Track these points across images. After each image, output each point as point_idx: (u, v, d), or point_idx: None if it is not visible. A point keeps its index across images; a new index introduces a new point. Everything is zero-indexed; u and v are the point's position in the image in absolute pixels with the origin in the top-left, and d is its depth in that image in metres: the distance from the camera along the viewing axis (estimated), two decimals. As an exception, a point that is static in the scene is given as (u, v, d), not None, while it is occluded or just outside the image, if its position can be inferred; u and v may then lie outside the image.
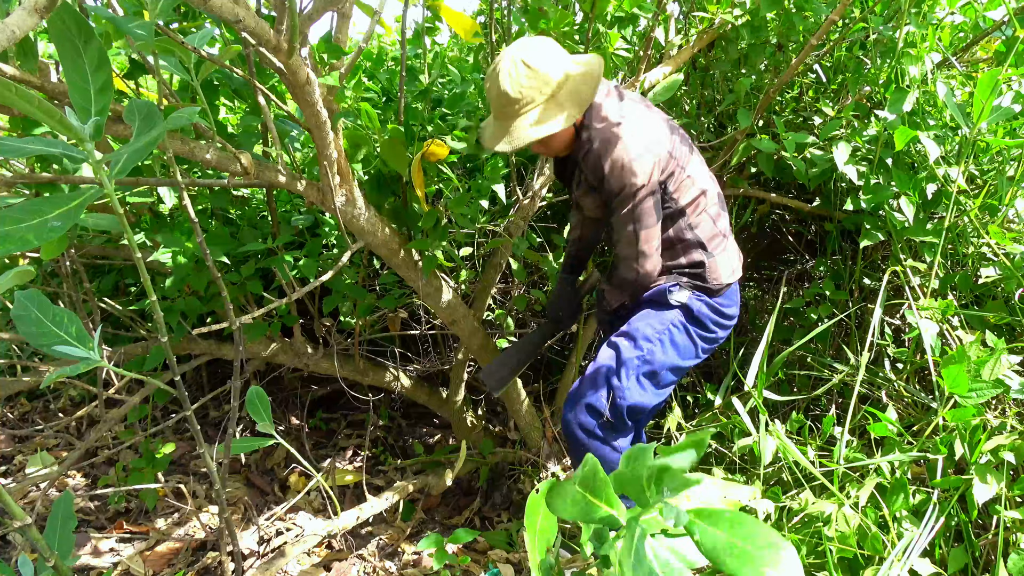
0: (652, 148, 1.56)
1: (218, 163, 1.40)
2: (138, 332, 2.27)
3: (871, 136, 2.12)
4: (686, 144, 1.69)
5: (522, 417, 2.53)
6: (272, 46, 1.07)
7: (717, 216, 1.73)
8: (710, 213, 1.71)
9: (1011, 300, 1.97)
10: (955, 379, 1.52)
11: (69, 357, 0.90)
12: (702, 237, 1.70)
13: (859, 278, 2.36)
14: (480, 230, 2.14)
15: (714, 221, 1.72)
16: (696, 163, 1.70)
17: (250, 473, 2.72)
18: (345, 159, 1.60)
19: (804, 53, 2.04)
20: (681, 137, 1.69)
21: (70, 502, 1.00)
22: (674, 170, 1.62)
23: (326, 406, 3.26)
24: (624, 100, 1.64)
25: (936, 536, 1.56)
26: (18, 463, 2.64)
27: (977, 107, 1.74)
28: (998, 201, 1.96)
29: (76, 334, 0.92)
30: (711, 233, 1.71)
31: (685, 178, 1.65)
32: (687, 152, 1.67)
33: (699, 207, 1.69)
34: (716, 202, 1.74)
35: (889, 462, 1.72)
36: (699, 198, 1.68)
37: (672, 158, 1.61)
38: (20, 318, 0.91)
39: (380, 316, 2.47)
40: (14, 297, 0.92)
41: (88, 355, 0.92)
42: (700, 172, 1.70)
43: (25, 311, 0.91)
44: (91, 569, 2.08)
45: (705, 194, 1.69)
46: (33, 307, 0.91)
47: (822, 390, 2.06)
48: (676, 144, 1.64)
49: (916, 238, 1.99)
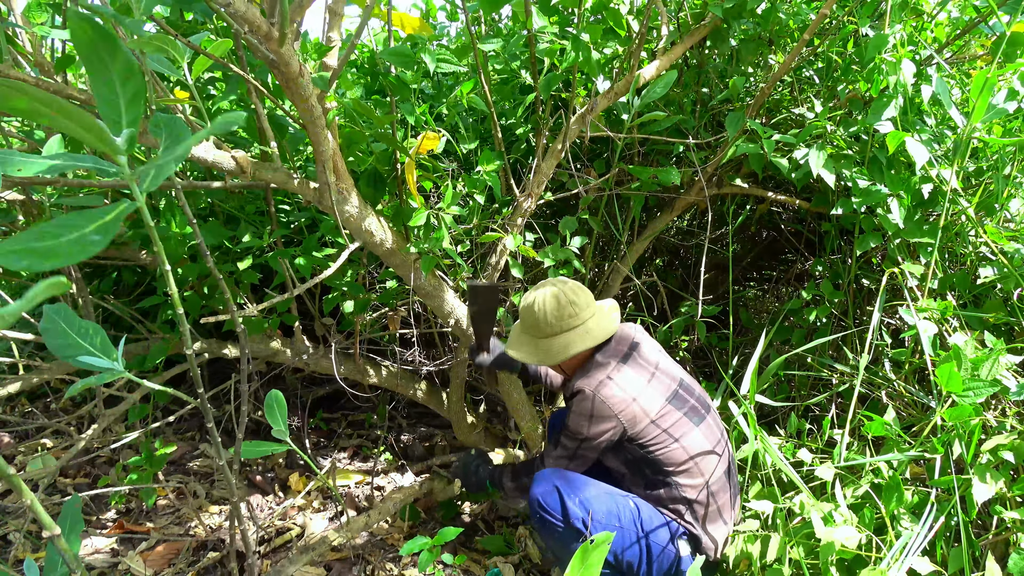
0: (627, 411, 1.69)
1: (214, 162, 1.41)
2: (140, 332, 2.28)
3: (863, 138, 2.11)
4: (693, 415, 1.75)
5: (523, 417, 2.53)
6: (263, 32, 1.06)
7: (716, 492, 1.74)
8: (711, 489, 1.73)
9: (1010, 300, 1.96)
10: (948, 377, 1.51)
11: (94, 368, 0.92)
12: (700, 513, 1.73)
13: (853, 278, 2.35)
14: (477, 227, 2.14)
15: (713, 497, 1.73)
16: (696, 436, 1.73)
17: (251, 473, 2.73)
18: (341, 157, 1.60)
19: (796, 50, 2.04)
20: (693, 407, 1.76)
21: (79, 507, 1.00)
22: (658, 439, 1.71)
23: (327, 406, 3.26)
24: (631, 360, 1.77)
25: (936, 536, 1.55)
26: (19, 463, 2.65)
27: (972, 106, 1.73)
28: (995, 200, 1.95)
29: (100, 345, 0.94)
30: (708, 510, 1.73)
31: (675, 448, 1.71)
32: (686, 423, 1.73)
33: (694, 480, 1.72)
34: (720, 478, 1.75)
35: (888, 462, 1.72)
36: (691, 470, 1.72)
37: (656, 427, 1.71)
38: (48, 331, 0.94)
39: (380, 315, 2.47)
40: (43, 310, 0.94)
41: (112, 366, 0.95)
42: (699, 445, 1.73)
43: (53, 324, 0.94)
44: (91, 569, 2.08)
45: (700, 469, 1.72)
46: (60, 320, 0.95)
47: (821, 397, 2.05)
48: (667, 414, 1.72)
49: (911, 239, 1.98)
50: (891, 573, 1.42)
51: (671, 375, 1.79)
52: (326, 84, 1.39)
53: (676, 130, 2.38)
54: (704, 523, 1.73)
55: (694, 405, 1.77)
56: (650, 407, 1.71)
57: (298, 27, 1.21)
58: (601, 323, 1.79)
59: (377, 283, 2.43)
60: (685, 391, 1.78)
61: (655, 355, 1.83)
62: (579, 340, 1.76)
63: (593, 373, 1.75)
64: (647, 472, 1.76)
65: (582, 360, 1.84)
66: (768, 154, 2.03)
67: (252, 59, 1.77)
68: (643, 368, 1.77)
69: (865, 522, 1.58)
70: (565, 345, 1.76)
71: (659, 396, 1.73)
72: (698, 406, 1.77)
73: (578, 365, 1.85)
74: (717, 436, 1.77)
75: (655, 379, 1.75)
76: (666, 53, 2.17)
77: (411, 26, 1.66)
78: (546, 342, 1.79)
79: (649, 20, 1.93)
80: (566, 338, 1.77)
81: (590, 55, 1.87)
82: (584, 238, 2.28)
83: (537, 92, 2.05)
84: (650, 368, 1.78)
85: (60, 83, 1.17)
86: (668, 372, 1.80)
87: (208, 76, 1.99)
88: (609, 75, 2.26)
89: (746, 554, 1.72)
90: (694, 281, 3.02)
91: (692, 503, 1.72)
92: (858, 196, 2.02)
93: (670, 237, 3.15)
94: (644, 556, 1.70)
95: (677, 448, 1.70)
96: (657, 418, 1.71)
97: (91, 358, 0.93)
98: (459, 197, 1.86)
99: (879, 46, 1.90)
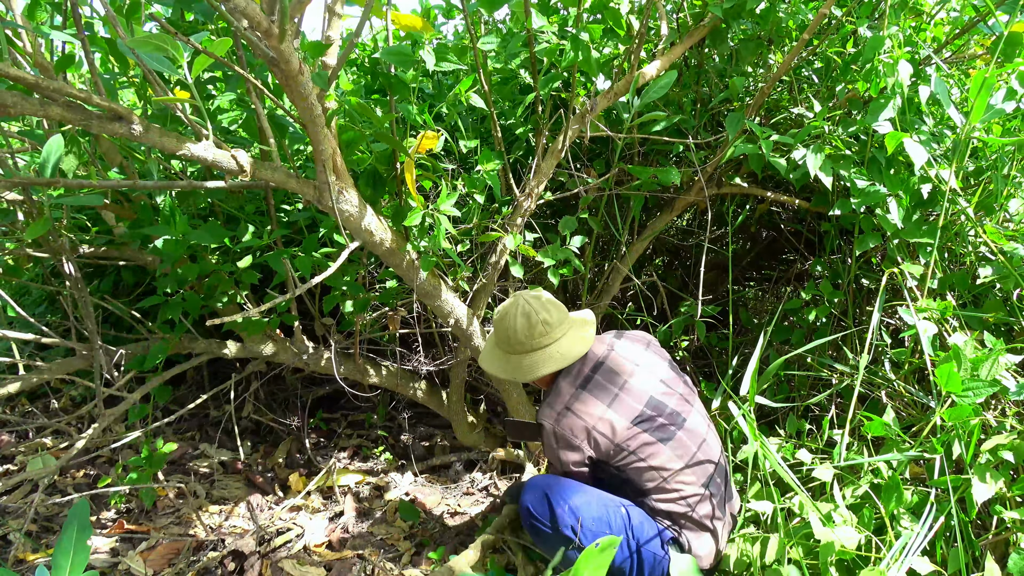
0: (591, 436, 1.70)
1: (214, 161, 1.41)
2: (140, 332, 2.28)
3: (862, 138, 2.11)
4: (661, 431, 1.71)
5: (523, 417, 2.53)
6: (263, 29, 1.06)
7: (697, 504, 1.72)
8: (690, 501, 1.71)
9: (1009, 300, 1.96)
10: (948, 377, 1.51)
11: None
12: (681, 522, 1.72)
13: (853, 278, 2.35)
14: (477, 227, 2.14)
15: (692, 508, 1.71)
16: (665, 453, 1.70)
17: (251, 473, 2.73)
18: (340, 156, 1.60)
19: (795, 50, 2.04)
20: (667, 418, 1.73)
21: (86, 511, 1.00)
22: (626, 459, 1.71)
23: (327, 406, 3.26)
24: (596, 379, 1.76)
25: (936, 536, 1.55)
26: (19, 463, 2.65)
27: (971, 105, 1.73)
28: (994, 199, 1.95)
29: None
30: (689, 518, 1.72)
31: (644, 468, 1.70)
32: (656, 442, 1.70)
33: (670, 493, 1.71)
34: (697, 490, 1.72)
35: (887, 462, 1.71)
36: (662, 484, 1.71)
37: (622, 450, 1.70)
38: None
39: (380, 315, 2.47)
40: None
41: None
42: (667, 461, 1.70)
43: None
44: (91, 569, 2.08)
45: (668, 483, 1.70)
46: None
47: (821, 397, 2.05)
48: (634, 436, 1.70)
49: (910, 239, 1.98)
50: (890, 573, 1.42)
51: (638, 393, 1.74)
52: (325, 83, 1.39)
53: (676, 130, 2.38)
54: (688, 533, 1.72)
55: (662, 423, 1.72)
56: (611, 432, 1.69)
57: (298, 24, 1.21)
58: (571, 345, 1.77)
59: (377, 283, 2.43)
60: (653, 408, 1.73)
61: (629, 366, 1.79)
62: (546, 362, 1.76)
63: (553, 403, 1.75)
64: (627, 489, 1.77)
65: (549, 381, 1.85)
66: (766, 155, 2.03)
67: (252, 58, 1.77)
68: (606, 390, 1.74)
69: (864, 522, 1.58)
70: (532, 365, 1.77)
71: (622, 419, 1.70)
72: (667, 422, 1.73)
73: (547, 383, 1.86)
74: (692, 448, 1.73)
75: (618, 401, 1.72)
76: (666, 53, 2.17)
77: (411, 25, 1.66)
78: (516, 359, 1.80)
79: (649, 19, 1.93)
80: (534, 358, 1.77)
81: (589, 55, 1.87)
82: (584, 238, 2.28)
83: (537, 92, 2.05)
84: (614, 389, 1.74)
85: (60, 83, 1.17)
86: (636, 389, 1.75)
87: (208, 76, 1.99)
88: (609, 75, 2.26)
89: (746, 554, 1.72)
90: (694, 281, 3.02)
91: (673, 515, 1.72)
92: (857, 196, 2.02)
93: (670, 237, 3.15)
94: (635, 563, 1.70)
95: (646, 467, 1.70)
96: (622, 441, 1.69)
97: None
98: (456, 196, 1.86)
99: (876, 47, 1.90)
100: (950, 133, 2.02)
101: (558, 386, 1.77)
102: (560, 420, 1.72)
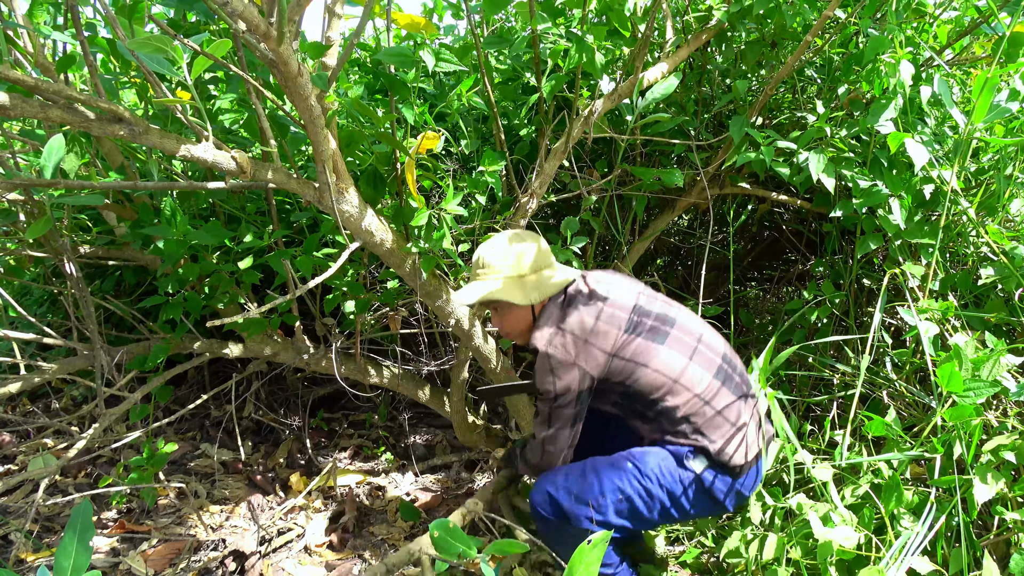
0: (585, 354, 1.66)
1: (214, 162, 1.41)
2: (141, 332, 2.28)
3: (863, 139, 2.11)
4: (654, 335, 1.69)
5: (523, 417, 2.53)
6: (261, 31, 1.06)
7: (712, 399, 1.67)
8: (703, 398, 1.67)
9: (1011, 300, 1.96)
10: (949, 378, 1.51)
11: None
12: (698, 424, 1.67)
13: (854, 278, 2.35)
14: (479, 228, 2.14)
15: (706, 404, 1.66)
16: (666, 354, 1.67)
17: (252, 473, 2.73)
18: (341, 156, 1.60)
19: (799, 52, 2.03)
20: (656, 321, 1.71)
21: (89, 511, 1.00)
22: (625, 369, 1.67)
23: (327, 406, 3.26)
24: (579, 301, 1.72)
25: (937, 536, 1.55)
26: (20, 462, 2.66)
27: (973, 106, 1.73)
28: (996, 200, 1.95)
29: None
30: (706, 417, 1.66)
31: (646, 373, 1.66)
32: (651, 345, 1.67)
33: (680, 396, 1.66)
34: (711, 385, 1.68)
35: (888, 462, 1.71)
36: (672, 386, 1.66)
37: (618, 359, 1.67)
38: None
39: (381, 315, 2.48)
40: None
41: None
42: (671, 362, 1.67)
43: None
44: (92, 568, 2.08)
45: (680, 384, 1.66)
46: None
47: (823, 398, 2.05)
48: (626, 343, 1.67)
49: (912, 240, 1.97)
50: (890, 573, 1.42)
51: (621, 303, 1.72)
52: (325, 84, 1.39)
53: (678, 130, 2.38)
54: (707, 432, 1.66)
55: (653, 325, 1.70)
56: (605, 344, 1.66)
57: (297, 26, 1.21)
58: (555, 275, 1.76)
59: (378, 283, 2.44)
60: (640, 314, 1.71)
61: (604, 286, 1.77)
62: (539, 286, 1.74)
63: (543, 327, 1.71)
64: (637, 406, 1.71)
65: (528, 322, 1.80)
66: (768, 161, 2.03)
67: (253, 59, 1.77)
68: (591, 306, 1.71)
69: (865, 522, 1.58)
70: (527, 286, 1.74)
71: (612, 329, 1.67)
72: (658, 324, 1.71)
73: (526, 327, 1.81)
74: (691, 343, 1.71)
75: (604, 314, 1.70)
76: (671, 56, 2.17)
77: (412, 25, 1.66)
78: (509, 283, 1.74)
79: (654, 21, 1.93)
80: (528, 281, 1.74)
81: (594, 56, 1.86)
82: (585, 238, 2.28)
83: (541, 93, 2.05)
84: (598, 304, 1.72)
85: (61, 85, 1.18)
86: (619, 301, 1.73)
87: (209, 76, 1.99)
88: (613, 76, 2.26)
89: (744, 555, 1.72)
90: (695, 281, 3.02)
91: (688, 418, 1.66)
92: (859, 197, 2.01)
93: (671, 237, 3.15)
94: (667, 500, 1.66)
95: (649, 372, 1.66)
96: (618, 350, 1.66)
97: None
98: (461, 196, 1.86)
99: (878, 48, 1.89)
100: (951, 133, 2.01)
101: (545, 313, 1.74)
102: (553, 340, 1.67)
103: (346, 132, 1.77)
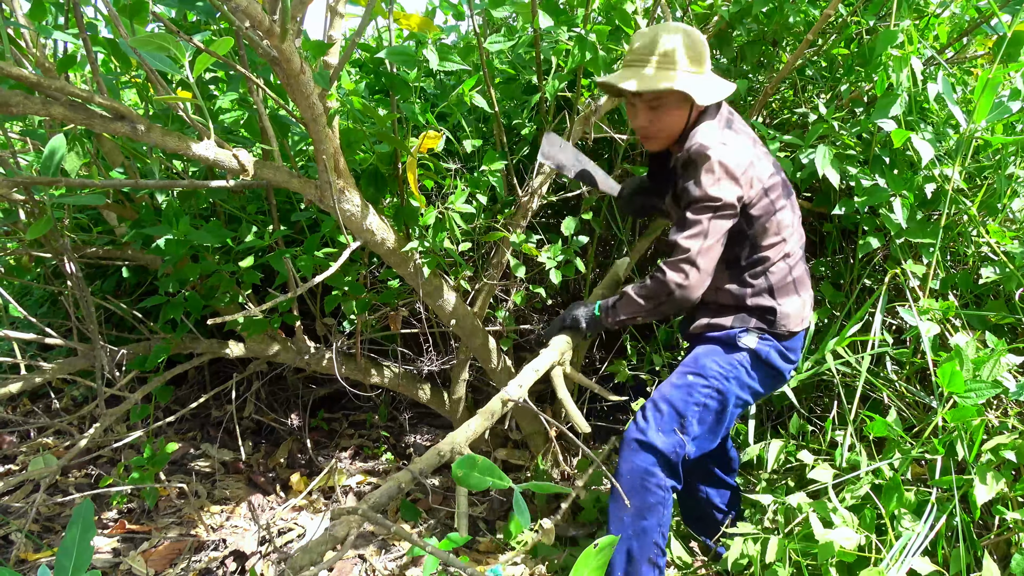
0: (747, 174, 1.59)
1: (216, 161, 1.41)
2: (141, 332, 2.28)
3: (865, 136, 2.11)
4: (785, 190, 1.70)
5: (524, 417, 2.53)
6: (264, 28, 1.06)
7: (794, 266, 1.71)
8: (788, 262, 1.70)
9: (1012, 300, 1.96)
10: (949, 377, 1.51)
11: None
12: (774, 282, 1.69)
13: (856, 278, 2.35)
14: (480, 227, 2.14)
15: (790, 269, 1.70)
16: (788, 212, 1.69)
17: (252, 473, 2.73)
18: (342, 156, 1.60)
19: (800, 50, 2.04)
20: (783, 182, 1.71)
21: (90, 511, 1.00)
22: (765, 209, 1.64)
23: (328, 406, 3.26)
24: (735, 126, 1.68)
25: (938, 536, 1.55)
26: (21, 462, 2.66)
27: (974, 105, 1.73)
28: (997, 199, 1.95)
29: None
30: (784, 281, 1.70)
31: (773, 221, 1.66)
32: (783, 198, 1.68)
33: (779, 253, 1.69)
34: (797, 254, 1.73)
35: (889, 463, 1.71)
36: (780, 244, 1.68)
37: (766, 196, 1.64)
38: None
39: (381, 315, 2.47)
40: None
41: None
42: (789, 221, 1.69)
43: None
44: (93, 568, 2.08)
45: (787, 242, 1.69)
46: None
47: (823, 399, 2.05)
48: (775, 185, 1.66)
49: (913, 239, 1.97)
50: (890, 573, 1.42)
51: (766, 155, 1.71)
52: (327, 82, 1.39)
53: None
54: (782, 299, 1.69)
55: (785, 183, 1.71)
56: (762, 174, 1.63)
57: (300, 23, 1.21)
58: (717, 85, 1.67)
59: (379, 283, 2.43)
60: (779, 171, 1.70)
61: (753, 134, 1.74)
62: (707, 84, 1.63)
63: (706, 132, 1.61)
64: (741, 255, 1.68)
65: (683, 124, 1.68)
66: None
67: (254, 58, 1.77)
68: (746, 135, 1.68)
69: (865, 523, 1.57)
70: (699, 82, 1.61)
71: (767, 163, 1.66)
72: (785, 187, 1.71)
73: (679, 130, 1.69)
74: (799, 215, 1.76)
75: (757, 146, 1.68)
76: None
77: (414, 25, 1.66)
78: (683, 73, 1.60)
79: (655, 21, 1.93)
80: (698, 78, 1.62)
81: (596, 56, 1.86)
82: (586, 238, 2.28)
83: (542, 92, 2.05)
84: (751, 135, 1.70)
85: (63, 82, 1.18)
86: (764, 153, 1.71)
87: (211, 75, 1.99)
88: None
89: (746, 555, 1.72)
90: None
91: (770, 275, 1.68)
92: (861, 195, 2.01)
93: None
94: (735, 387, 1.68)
95: (777, 221, 1.65)
96: (769, 186, 1.64)
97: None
98: (466, 195, 1.86)
99: (888, 42, 1.89)
100: (953, 132, 2.01)
101: (705, 119, 1.65)
102: (722, 149, 1.57)
103: (347, 131, 1.77)
